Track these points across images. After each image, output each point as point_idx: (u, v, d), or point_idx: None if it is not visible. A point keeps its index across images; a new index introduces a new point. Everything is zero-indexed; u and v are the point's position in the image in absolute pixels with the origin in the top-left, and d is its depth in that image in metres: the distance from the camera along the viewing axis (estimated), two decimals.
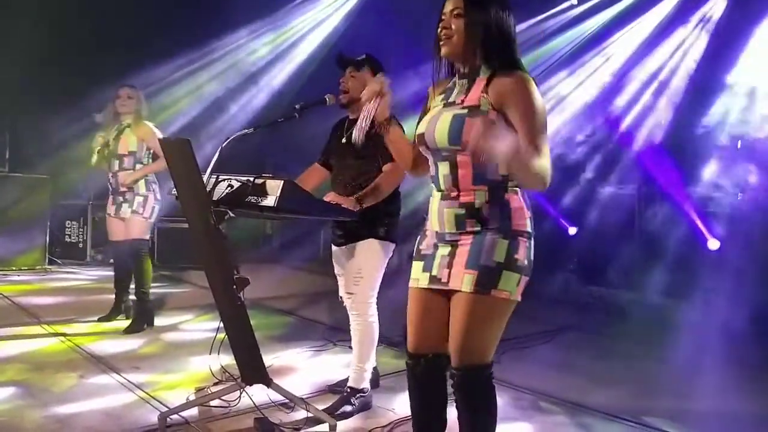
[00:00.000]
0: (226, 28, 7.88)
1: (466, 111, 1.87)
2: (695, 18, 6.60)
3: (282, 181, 2.35)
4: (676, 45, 6.59)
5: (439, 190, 1.95)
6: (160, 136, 4.31)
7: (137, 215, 4.33)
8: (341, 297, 3.19)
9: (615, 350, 4.42)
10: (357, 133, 2.01)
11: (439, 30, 1.95)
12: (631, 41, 7.02)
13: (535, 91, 1.85)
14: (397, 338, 4.29)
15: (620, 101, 6.76)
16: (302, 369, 3.69)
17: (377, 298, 3.06)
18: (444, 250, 1.94)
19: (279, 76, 8.48)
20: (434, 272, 1.94)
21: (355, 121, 3.00)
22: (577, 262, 6.36)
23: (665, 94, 6.48)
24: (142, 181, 4.35)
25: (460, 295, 1.87)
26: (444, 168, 1.92)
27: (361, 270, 2.96)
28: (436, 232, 1.97)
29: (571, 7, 7.44)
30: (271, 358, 3.63)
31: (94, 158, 4.43)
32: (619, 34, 7.15)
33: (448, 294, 1.93)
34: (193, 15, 7.32)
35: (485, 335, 1.87)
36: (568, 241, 6.56)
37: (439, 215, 1.95)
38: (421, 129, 1.97)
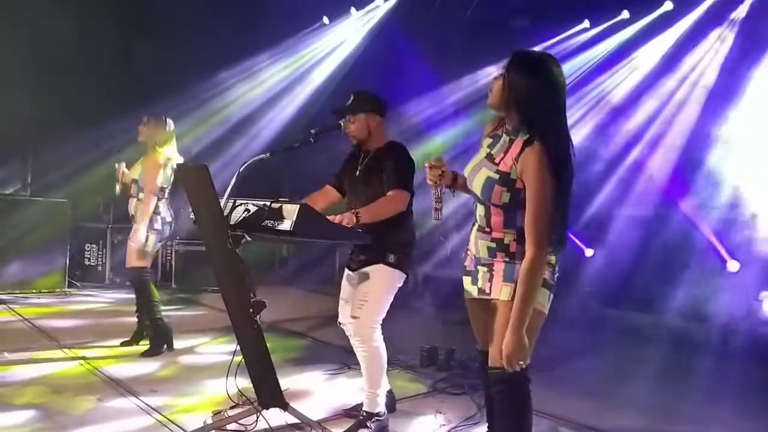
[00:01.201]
0: (245, 53, 8.03)
1: (498, 177, 2.10)
2: (712, 37, 6.63)
3: (298, 206, 2.39)
4: (692, 65, 6.61)
5: (476, 220, 2.24)
6: (178, 162, 4.36)
7: (131, 242, 4.38)
8: (340, 322, 3.21)
9: (633, 374, 4.35)
10: (435, 215, 2.31)
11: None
12: (645, 62, 7.05)
13: (546, 175, 1.99)
14: (412, 361, 4.28)
15: (634, 122, 6.76)
16: (318, 392, 3.68)
17: (389, 321, 3.05)
18: (483, 269, 2.21)
19: (294, 102, 8.61)
20: (480, 285, 2.21)
21: (368, 153, 3.09)
22: (594, 285, 6.30)
23: (681, 115, 6.48)
24: (143, 210, 4.34)
25: (499, 303, 2.12)
26: (481, 210, 2.21)
27: (368, 294, 2.95)
28: (474, 255, 2.24)
29: (584, 30, 7.51)
30: (287, 382, 3.63)
31: (117, 188, 4.54)
32: (633, 55, 7.19)
33: (493, 303, 2.16)
34: (213, 41, 7.47)
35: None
36: (585, 263, 6.51)
37: (476, 242, 2.23)
38: (466, 171, 2.25)
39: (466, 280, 2.28)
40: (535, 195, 2.01)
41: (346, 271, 3.17)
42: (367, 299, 2.94)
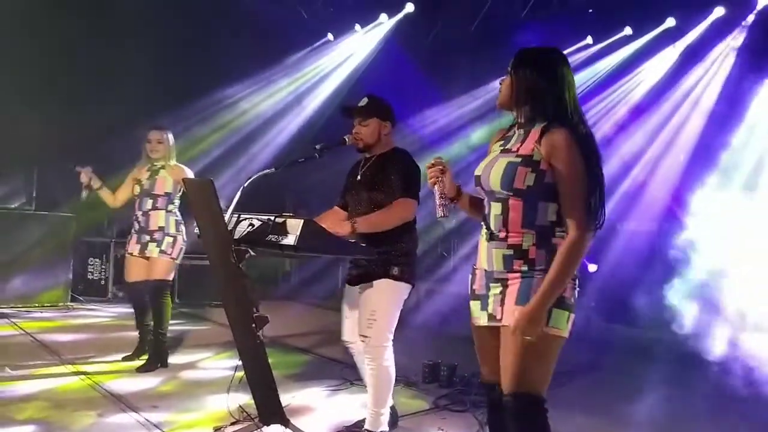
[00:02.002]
0: (250, 69, 8.10)
1: (519, 159, 1.98)
2: (713, 54, 6.67)
3: (302, 221, 2.39)
4: (693, 82, 6.64)
5: (489, 229, 2.04)
6: (192, 176, 4.39)
7: (165, 255, 4.33)
8: (344, 340, 3.15)
9: (638, 390, 4.31)
10: (441, 212, 2.16)
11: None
12: (648, 79, 7.08)
13: (578, 152, 1.91)
14: (414, 378, 4.25)
15: (638, 138, 6.78)
16: (319, 409, 3.66)
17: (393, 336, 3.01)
18: (495, 289, 2.02)
19: (299, 118, 8.67)
20: (490, 310, 2.03)
21: (370, 158, 3.08)
22: (598, 300, 6.27)
23: (683, 131, 6.50)
24: (172, 221, 4.38)
25: (510, 328, 1.93)
26: (496, 208, 2.02)
27: (375, 312, 2.87)
28: (485, 270, 2.05)
29: (587, 46, 7.56)
30: (288, 398, 3.60)
31: (84, 194, 4.47)
32: (636, 71, 7.24)
33: (504, 329, 1.99)
34: (218, 58, 7.54)
35: (536, 367, 1.94)
36: (589, 279, 6.48)
37: (488, 255, 2.04)
38: (478, 171, 2.10)
39: (475, 305, 2.09)
40: (570, 173, 1.90)
41: (347, 286, 3.12)
42: (376, 317, 2.86)
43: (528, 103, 2.03)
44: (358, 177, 3.07)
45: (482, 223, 2.10)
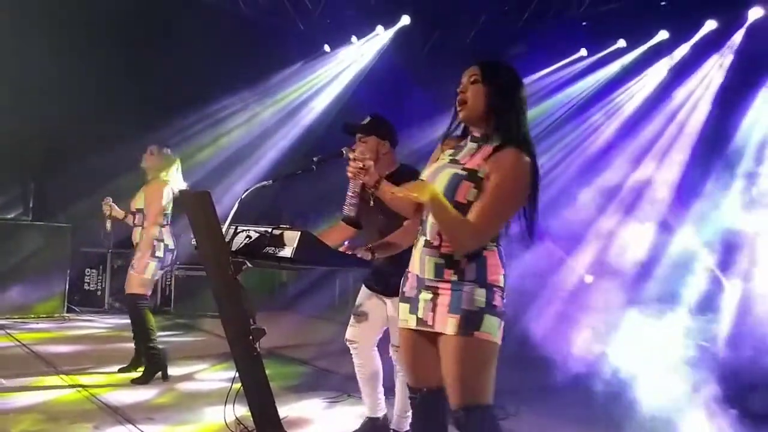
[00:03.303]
0: (246, 81, 8.14)
1: (465, 173, 2.00)
2: (706, 67, 6.74)
3: (299, 232, 2.40)
4: (686, 95, 6.71)
5: (424, 235, 2.07)
6: (180, 188, 4.38)
7: (132, 270, 4.36)
8: (349, 339, 3.20)
9: (637, 399, 4.31)
10: (347, 210, 2.19)
11: (458, 96, 2.10)
12: (642, 91, 7.14)
13: (520, 176, 1.97)
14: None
15: (630, 151, 6.82)
16: (317, 420, 3.65)
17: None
18: (426, 296, 2.03)
19: (296, 130, 8.70)
20: (420, 314, 2.04)
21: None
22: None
23: (676, 144, 6.55)
24: (145, 238, 4.35)
25: (446, 338, 1.98)
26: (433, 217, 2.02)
27: None
28: (417, 276, 2.07)
29: (581, 59, 7.63)
30: (286, 409, 3.60)
31: (108, 225, 4.54)
32: (630, 84, 7.30)
33: (435, 335, 2.02)
34: (214, 69, 7.58)
35: (477, 376, 1.97)
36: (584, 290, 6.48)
37: (420, 261, 2.06)
38: (424, 176, 2.13)
39: (403, 308, 2.10)
40: (498, 188, 1.94)
41: (365, 289, 3.17)
42: None
43: (492, 117, 2.04)
44: (371, 202, 3.00)
45: (420, 227, 2.11)
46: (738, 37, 6.48)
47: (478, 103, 2.05)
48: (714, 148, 6.05)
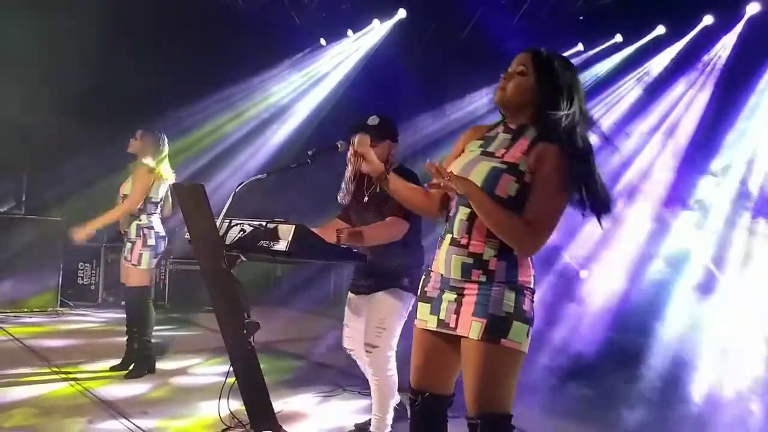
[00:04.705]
0: (242, 74, 8.09)
1: (505, 167, 1.87)
2: (702, 65, 6.74)
3: (294, 226, 2.39)
4: (680, 94, 6.72)
5: (450, 232, 1.94)
6: (172, 181, 4.32)
7: (126, 262, 4.28)
8: (346, 347, 3.19)
9: (630, 397, 4.33)
10: (341, 195, 2.08)
11: (501, 78, 1.97)
12: (638, 86, 7.14)
13: (566, 172, 1.83)
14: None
15: (626, 149, 6.81)
16: (312, 415, 3.64)
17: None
18: (450, 296, 1.91)
19: (291, 123, 8.67)
20: (442, 316, 1.92)
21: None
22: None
23: (670, 143, 6.56)
24: (134, 226, 4.26)
25: (469, 342, 1.86)
26: (463, 213, 1.90)
27: (384, 320, 2.90)
28: (441, 275, 1.95)
29: (578, 53, 7.62)
30: (280, 404, 3.59)
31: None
32: (626, 79, 7.29)
33: (454, 338, 1.92)
34: (209, 62, 7.53)
35: (500, 384, 1.85)
36: (580, 285, 6.49)
37: (446, 260, 1.92)
38: (454, 169, 1.92)
39: (423, 308, 1.97)
40: (553, 183, 1.81)
41: (351, 295, 3.13)
42: (385, 326, 2.89)
43: (532, 111, 1.93)
44: (365, 198, 3.00)
45: (446, 224, 1.99)
46: (735, 32, 6.48)
47: (518, 96, 1.93)
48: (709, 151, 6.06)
